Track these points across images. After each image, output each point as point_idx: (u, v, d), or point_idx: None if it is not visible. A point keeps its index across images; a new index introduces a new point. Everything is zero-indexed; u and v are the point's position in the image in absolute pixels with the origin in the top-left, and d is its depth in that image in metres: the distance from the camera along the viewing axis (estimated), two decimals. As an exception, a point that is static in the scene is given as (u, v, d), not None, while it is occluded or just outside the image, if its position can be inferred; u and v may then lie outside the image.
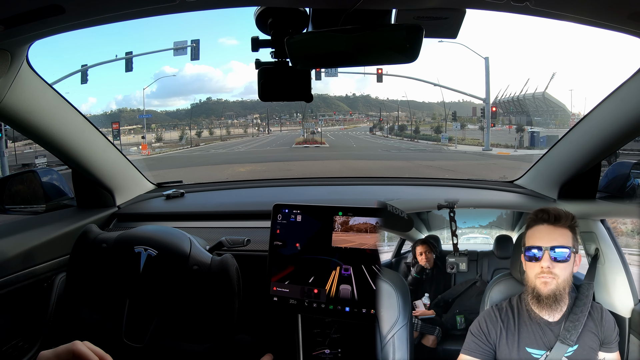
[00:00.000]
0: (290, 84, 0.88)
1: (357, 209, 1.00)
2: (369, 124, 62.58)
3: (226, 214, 1.39)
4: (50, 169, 1.48)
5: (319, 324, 1.02)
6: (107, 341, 0.98)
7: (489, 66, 21.22)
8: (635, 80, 0.98)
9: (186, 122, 64.34)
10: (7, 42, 0.82)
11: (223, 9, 0.77)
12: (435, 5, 0.71)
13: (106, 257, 0.96)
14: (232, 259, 0.95)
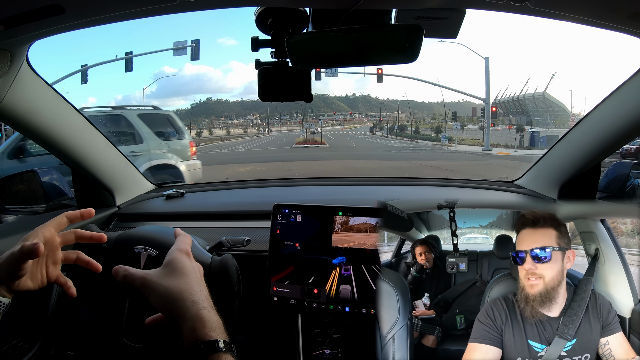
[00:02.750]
0: (290, 84, 0.88)
1: (357, 209, 1.00)
2: (369, 124, 62.65)
3: (226, 214, 1.38)
4: (50, 169, 1.48)
5: (319, 324, 1.02)
6: (107, 341, 0.99)
7: (489, 66, 21.23)
8: (635, 80, 0.98)
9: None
10: (7, 42, 0.82)
11: (221, 9, 0.77)
12: (435, 5, 0.71)
13: (106, 257, 0.96)
14: (232, 259, 0.95)
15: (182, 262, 0.59)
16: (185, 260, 0.60)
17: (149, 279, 0.57)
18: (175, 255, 0.60)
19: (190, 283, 0.57)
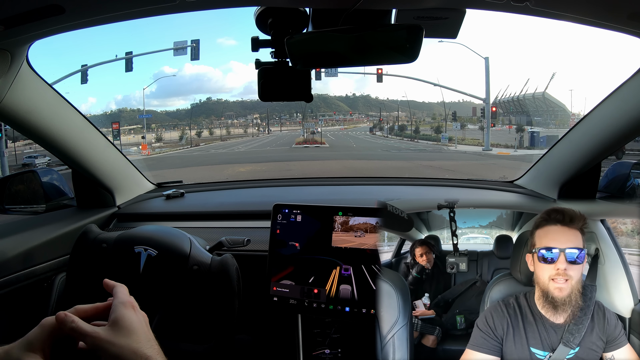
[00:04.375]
0: (290, 84, 0.88)
1: (357, 209, 1.00)
2: (369, 124, 62.60)
3: (226, 214, 1.39)
4: (50, 169, 1.48)
5: (319, 324, 1.02)
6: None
7: (489, 66, 21.24)
8: (635, 80, 0.98)
9: (186, 122, 64.39)
10: (7, 42, 0.82)
11: (221, 9, 0.77)
12: (435, 5, 0.71)
13: (106, 257, 0.96)
14: (232, 259, 0.95)
15: (129, 318, 0.56)
16: (132, 316, 0.57)
17: (100, 339, 0.53)
18: (121, 312, 0.56)
19: (141, 340, 0.55)
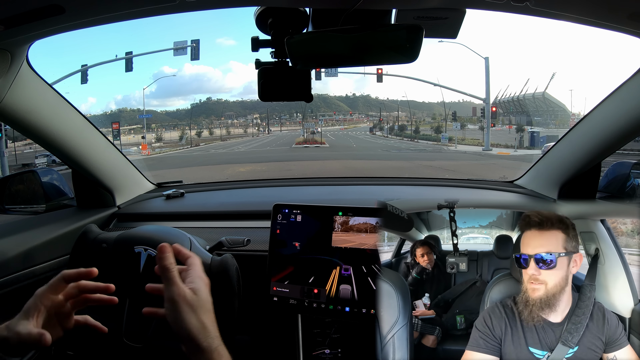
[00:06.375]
0: (290, 84, 0.88)
1: (357, 209, 1.00)
2: (369, 124, 62.62)
3: (226, 214, 1.39)
4: (50, 169, 1.48)
5: (319, 324, 1.02)
6: (107, 341, 0.99)
7: (489, 66, 21.23)
8: (635, 80, 0.98)
9: (186, 122, 64.43)
10: (7, 42, 0.82)
11: (221, 9, 0.77)
12: (435, 5, 0.71)
13: (106, 257, 0.96)
14: (232, 259, 0.95)
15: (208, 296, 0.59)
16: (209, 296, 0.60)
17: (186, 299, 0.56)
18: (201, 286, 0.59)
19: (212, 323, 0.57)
